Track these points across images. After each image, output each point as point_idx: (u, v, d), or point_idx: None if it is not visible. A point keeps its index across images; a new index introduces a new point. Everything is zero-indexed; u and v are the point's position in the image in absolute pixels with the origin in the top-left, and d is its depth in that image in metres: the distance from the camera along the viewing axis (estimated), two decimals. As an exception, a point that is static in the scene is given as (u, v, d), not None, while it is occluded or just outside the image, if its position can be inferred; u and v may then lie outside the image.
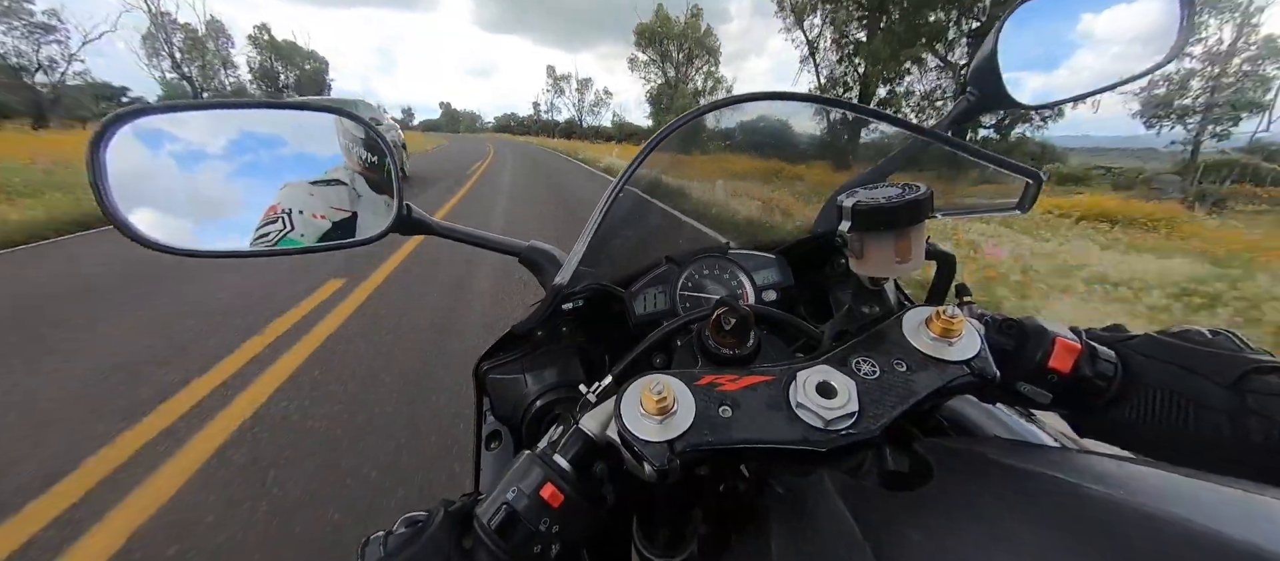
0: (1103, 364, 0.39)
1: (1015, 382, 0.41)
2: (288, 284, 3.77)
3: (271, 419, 2.17)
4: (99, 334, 3.01)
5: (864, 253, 0.41)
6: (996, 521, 0.25)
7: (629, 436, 0.32)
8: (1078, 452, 0.32)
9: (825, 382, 0.34)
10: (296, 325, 3.13)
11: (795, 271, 0.73)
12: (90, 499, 1.71)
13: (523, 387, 0.60)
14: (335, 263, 4.13)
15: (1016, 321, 0.42)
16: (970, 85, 0.68)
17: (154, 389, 2.37)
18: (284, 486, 1.77)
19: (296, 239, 0.55)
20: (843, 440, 0.32)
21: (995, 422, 0.55)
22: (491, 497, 0.35)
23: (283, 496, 1.73)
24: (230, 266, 3.92)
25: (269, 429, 2.10)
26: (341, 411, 2.23)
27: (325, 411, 2.23)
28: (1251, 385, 0.34)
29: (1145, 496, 0.24)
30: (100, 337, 2.96)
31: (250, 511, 1.66)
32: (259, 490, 1.75)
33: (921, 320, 0.37)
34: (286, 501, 1.71)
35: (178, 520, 1.63)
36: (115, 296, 3.68)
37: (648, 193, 0.76)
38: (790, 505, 0.33)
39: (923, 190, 0.38)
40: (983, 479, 0.29)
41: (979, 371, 0.35)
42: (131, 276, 4.08)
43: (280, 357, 2.71)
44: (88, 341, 2.91)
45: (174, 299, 3.58)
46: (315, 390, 2.40)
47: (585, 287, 0.62)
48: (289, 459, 1.91)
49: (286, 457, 1.92)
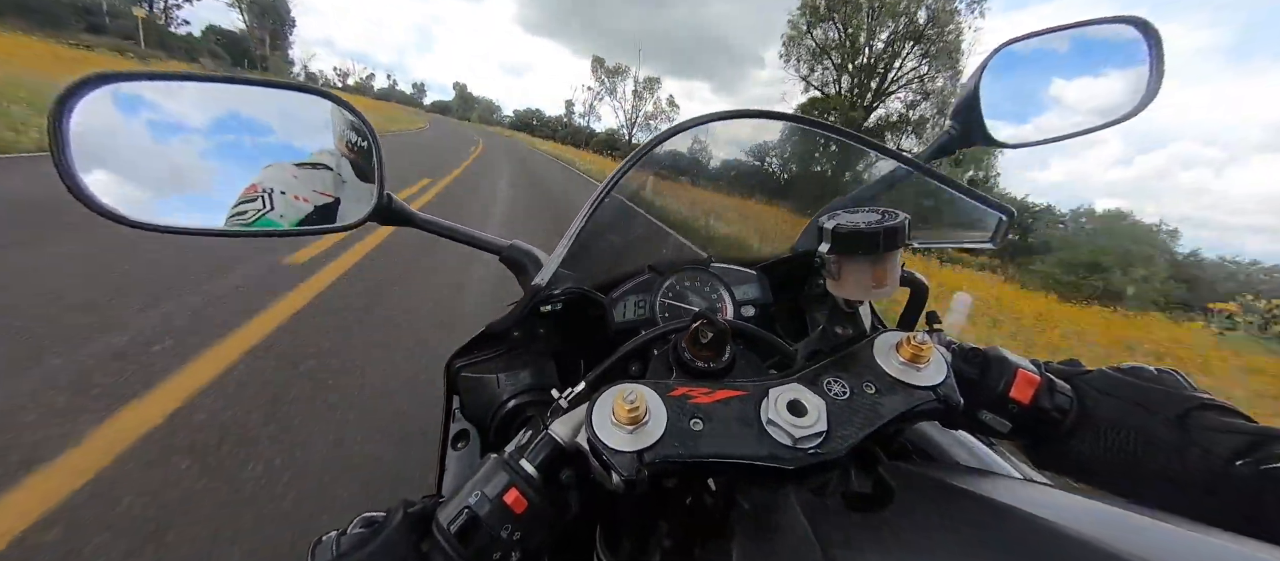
0: (1060, 397, 0.41)
1: (977, 411, 0.42)
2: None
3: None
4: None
5: (841, 275, 0.42)
6: (951, 547, 0.26)
7: (599, 444, 0.32)
8: (1033, 484, 0.33)
9: (796, 401, 0.34)
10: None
11: (775, 289, 0.74)
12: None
13: (495, 388, 0.60)
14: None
15: (981, 351, 0.43)
16: (951, 120, 0.70)
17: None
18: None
19: (275, 220, 0.53)
20: (810, 458, 0.32)
21: (957, 448, 0.57)
22: (454, 501, 0.34)
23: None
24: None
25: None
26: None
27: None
28: (1195, 421, 0.36)
29: (1094, 531, 0.24)
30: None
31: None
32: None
33: (892, 344, 0.38)
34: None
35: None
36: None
37: (633, 201, 0.76)
38: (754, 520, 0.33)
39: (900, 218, 0.39)
40: (941, 504, 0.30)
41: (944, 398, 0.35)
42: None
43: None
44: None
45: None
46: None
47: (565, 291, 0.62)
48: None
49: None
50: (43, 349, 2.10)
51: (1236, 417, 0.36)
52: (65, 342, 2.16)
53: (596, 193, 0.61)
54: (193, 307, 2.67)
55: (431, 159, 14.74)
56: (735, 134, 0.76)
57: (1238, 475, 0.33)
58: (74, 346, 2.15)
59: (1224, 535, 0.24)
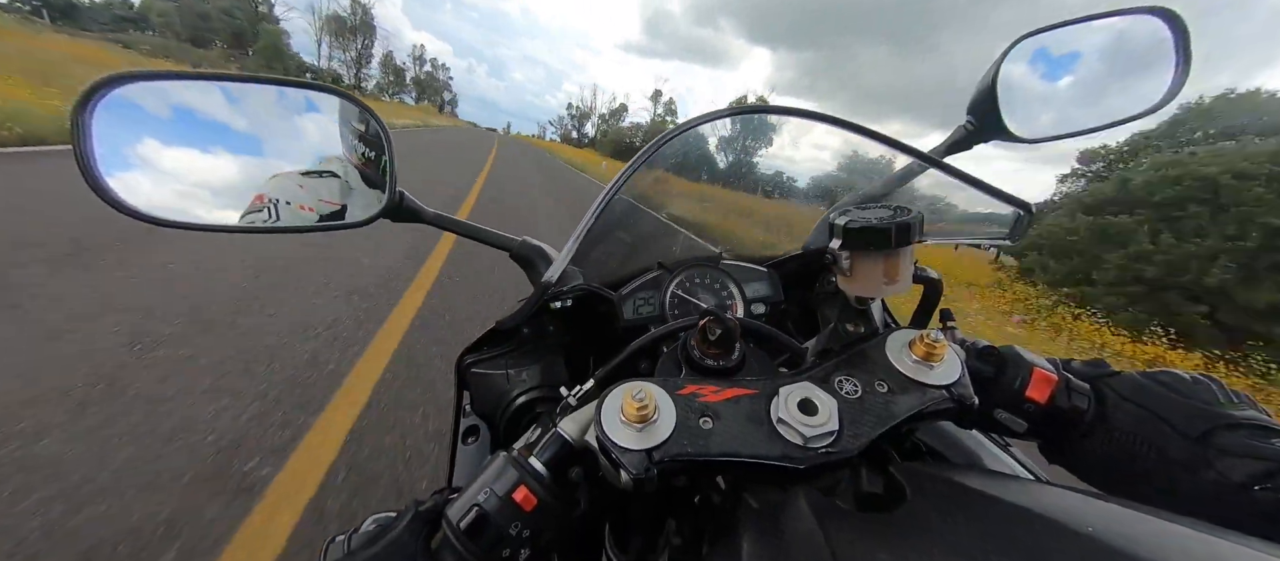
0: (1077, 397, 0.40)
1: (992, 410, 0.41)
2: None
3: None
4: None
5: (853, 271, 0.42)
6: (964, 549, 0.25)
7: (608, 442, 0.32)
8: (1048, 485, 0.32)
9: (807, 399, 0.34)
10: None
11: (785, 286, 0.73)
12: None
13: (504, 384, 0.60)
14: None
15: (996, 350, 0.43)
16: (969, 114, 0.68)
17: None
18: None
19: (280, 225, 0.54)
20: (821, 458, 0.32)
21: (971, 448, 0.56)
22: (463, 497, 0.35)
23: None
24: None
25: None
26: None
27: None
28: (1217, 441, 0.35)
29: (1110, 536, 0.24)
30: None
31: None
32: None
33: (905, 342, 0.38)
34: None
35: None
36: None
37: (642, 200, 0.76)
38: (763, 520, 0.33)
39: (913, 213, 0.39)
40: (954, 505, 0.29)
41: (958, 397, 0.35)
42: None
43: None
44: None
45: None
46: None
47: (574, 288, 0.62)
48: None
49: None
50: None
51: (1272, 436, 0.34)
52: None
53: (605, 190, 0.61)
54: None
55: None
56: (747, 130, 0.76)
57: (1256, 500, 0.32)
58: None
59: (1251, 542, 0.23)
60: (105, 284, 2.65)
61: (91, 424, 1.70)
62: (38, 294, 2.42)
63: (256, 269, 3.20)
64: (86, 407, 1.76)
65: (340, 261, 3.63)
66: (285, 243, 3.42)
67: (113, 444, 1.63)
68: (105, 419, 1.73)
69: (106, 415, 1.75)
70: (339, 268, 3.52)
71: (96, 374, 1.94)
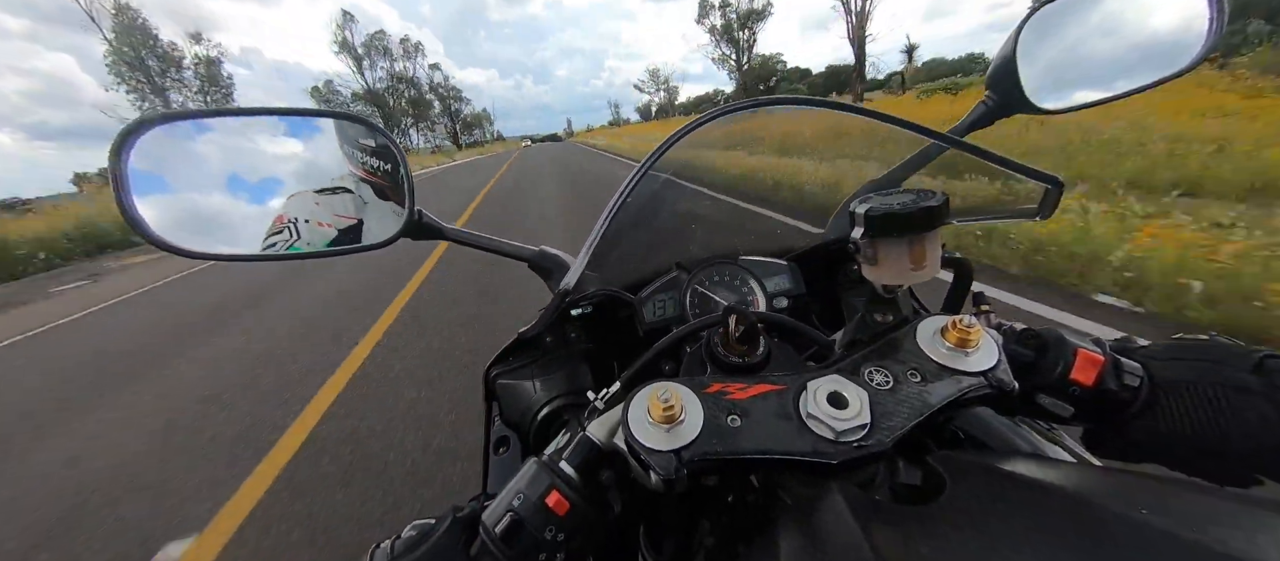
0: (1129, 376, 0.38)
1: (1035, 395, 0.40)
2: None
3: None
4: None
5: (877, 259, 0.40)
6: (1009, 537, 0.24)
7: (636, 444, 0.32)
8: (1099, 468, 0.31)
9: (837, 393, 0.33)
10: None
11: (807, 279, 0.72)
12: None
13: (531, 393, 0.60)
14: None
15: (1037, 332, 0.41)
16: (988, 89, 0.66)
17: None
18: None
19: (303, 248, 0.56)
20: (854, 452, 0.31)
21: (1013, 436, 0.54)
22: (497, 504, 0.35)
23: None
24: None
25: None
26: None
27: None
28: (1270, 367, 0.34)
29: (1171, 516, 0.22)
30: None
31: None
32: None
33: (936, 329, 0.36)
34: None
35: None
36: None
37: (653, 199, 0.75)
38: (799, 518, 0.32)
39: (937, 196, 0.37)
40: (997, 493, 0.28)
41: (996, 383, 0.33)
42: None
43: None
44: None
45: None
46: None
47: (594, 293, 0.62)
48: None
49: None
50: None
51: None
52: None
53: (618, 193, 0.61)
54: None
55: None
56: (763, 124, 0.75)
57: None
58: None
59: None
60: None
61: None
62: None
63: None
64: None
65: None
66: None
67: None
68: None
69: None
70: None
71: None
